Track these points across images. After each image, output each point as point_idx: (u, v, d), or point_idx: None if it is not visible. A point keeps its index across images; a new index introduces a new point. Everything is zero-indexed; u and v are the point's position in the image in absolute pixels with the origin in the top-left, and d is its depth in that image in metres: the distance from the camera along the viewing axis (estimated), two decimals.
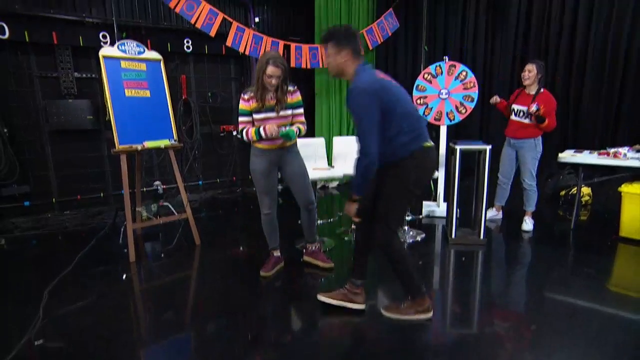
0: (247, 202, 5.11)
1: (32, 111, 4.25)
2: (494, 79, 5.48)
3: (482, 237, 3.31)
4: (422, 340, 2.12)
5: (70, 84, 4.34)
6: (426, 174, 2.15)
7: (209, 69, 5.39)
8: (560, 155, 3.66)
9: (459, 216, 3.42)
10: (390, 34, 5.52)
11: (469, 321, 2.31)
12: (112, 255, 3.29)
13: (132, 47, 3.31)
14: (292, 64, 4.98)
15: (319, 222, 3.91)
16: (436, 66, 3.88)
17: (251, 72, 5.35)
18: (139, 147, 3.20)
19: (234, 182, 5.74)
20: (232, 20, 4.47)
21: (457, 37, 5.72)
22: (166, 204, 4.06)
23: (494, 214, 3.96)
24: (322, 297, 2.39)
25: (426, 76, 3.94)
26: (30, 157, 4.29)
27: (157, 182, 4.57)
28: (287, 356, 1.97)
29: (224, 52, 5.20)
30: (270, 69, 2.42)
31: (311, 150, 3.77)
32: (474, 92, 3.80)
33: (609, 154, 3.44)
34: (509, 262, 3.18)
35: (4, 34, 3.91)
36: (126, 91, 3.25)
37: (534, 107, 3.36)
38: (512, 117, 3.62)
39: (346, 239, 3.57)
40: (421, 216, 4.16)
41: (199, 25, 4.20)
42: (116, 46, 3.25)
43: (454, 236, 3.38)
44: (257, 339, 2.12)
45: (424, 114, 3.95)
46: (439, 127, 4.05)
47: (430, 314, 2.20)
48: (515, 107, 3.58)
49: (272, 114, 2.57)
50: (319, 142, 3.95)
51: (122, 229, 3.51)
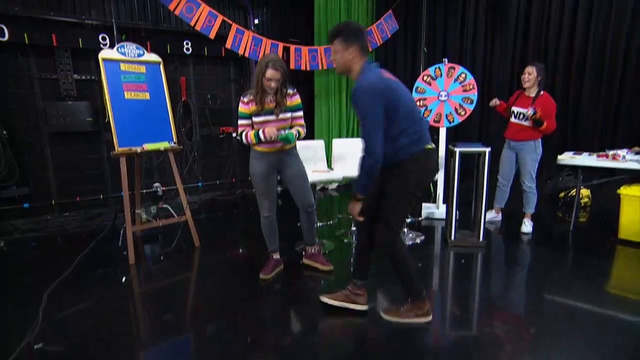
0: (247, 203, 5.11)
1: (32, 113, 4.26)
2: (494, 79, 5.49)
3: (481, 239, 3.32)
4: (422, 342, 2.12)
5: (69, 85, 4.35)
6: (427, 176, 2.15)
7: (209, 70, 5.40)
8: (559, 157, 3.67)
9: (458, 218, 3.43)
10: (389, 36, 5.53)
11: (469, 323, 2.31)
12: (112, 257, 3.29)
13: (131, 49, 3.31)
14: (292, 66, 4.99)
15: (319, 224, 3.91)
16: (435, 68, 3.89)
17: (250, 74, 5.35)
18: (139, 149, 3.20)
19: (233, 183, 5.75)
20: (231, 22, 4.47)
21: (457, 39, 5.73)
22: (165, 206, 4.06)
23: (493, 215, 3.97)
24: (325, 299, 2.39)
25: (425, 78, 3.95)
26: (29, 159, 4.29)
27: (157, 184, 4.58)
28: (286, 358, 1.97)
29: (224, 54, 5.20)
30: (269, 72, 2.43)
31: (311, 152, 3.77)
32: (473, 94, 3.81)
33: (607, 156, 3.45)
34: (508, 264, 3.19)
35: (3, 36, 3.92)
36: (126, 94, 3.25)
37: (530, 111, 3.37)
38: (512, 120, 3.63)
39: (346, 241, 3.57)
40: (420, 218, 4.16)
41: (198, 27, 4.21)
42: (116, 49, 3.26)
43: (453, 238, 3.39)
44: (257, 341, 2.12)
45: (423, 115, 3.95)
46: (439, 129, 4.06)
47: (429, 318, 2.20)
48: (515, 109, 3.59)
49: (271, 117, 2.57)
50: (319, 144, 3.95)
51: (122, 231, 3.51)
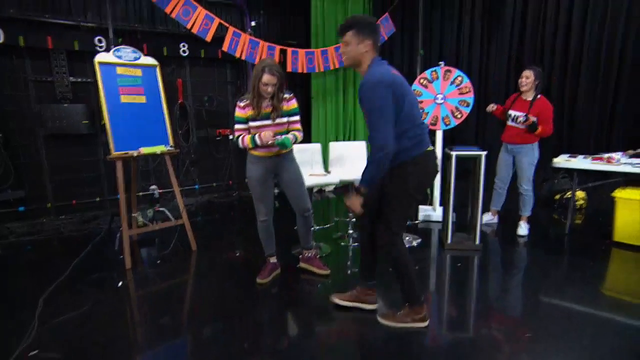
0: (244, 206, 5.11)
1: (27, 115, 4.23)
2: (490, 80, 5.51)
3: (477, 242, 3.33)
4: (419, 345, 2.12)
5: (65, 88, 4.33)
6: (427, 178, 2.15)
7: (205, 72, 5.39)
8: (554, 160, 3.68)
9: (454, 220, 3.44)
10: (386, 38, 5.53)
11: (465, 326, 2.32)
12: (108, 261, 3.28)
13: (127, 52, 3.30)
14: (289, 69, 4.98)
15: (315, 227, 3.91)
16: (432, 71, 3.91)
17: (247, 77, 5.35)
18: (135, 153, 3.19)
19: (230, 186, 5.74)
20: (228, 25, 4.47)
21: (453, 40, 5.75)
22: (162, 209, 4.04)
23: (489, 218, 3.98)
24: (335, 299, 2.41)
25: (422, 81, 3.96)
26: (25, 161, 4.27)
27: (153, 187, 4.56)
28: None
29: (220, 56, 5.20)
30: (266, 77, 2.43)
31: (307, 155, 3.77)
32: (470, 97, 3.82)
33: (602, 159, 3.47)
34: (504, 267, 3.20)
35: None
36: (122, 97, 3.24)
37: (521, 118, 3.40)
38: (509, 123, 3.65)
39: (342, 244, 3.57)
40: (417, 221, 4.18)
41: (195, 30, 4.19)
42: (112, 52, 3.25)
43: (449, 241, 3.40)
44: (254, 345, 2.11)
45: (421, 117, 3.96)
46: (435, 132, 4.08)
47: (426, 323, 2.21)
48: (512, 112, 3.61)
49: (268, 122, 2.57)
50: (316, 147, 3.95)
51: (118, 235, 3.49)
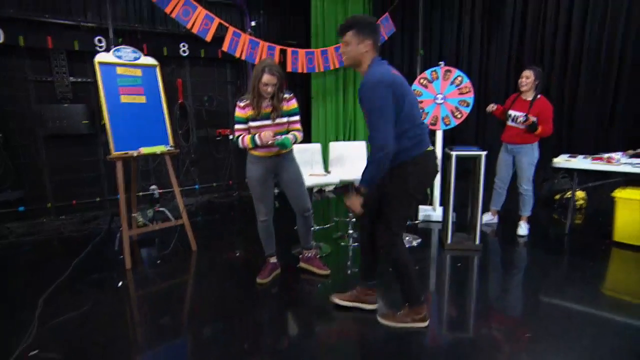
0: (244, 205, 5.11)
1: (27, 115, 4.23)
2: (490, 80, 5.51)
3: (477, 242, 3.33)
4: (419, 345, 2.12)
5: (65, 88, 4.33)
6: (427, 178, 2.15)
7: (205, 72, 5.39)
8: (554, 160, 3.68)
9: (454, 220, 3.44)
10: (386, 38, 5.53)
11: (465, 326, 2.32)
12: (108, 261, 3.27)
13: (127, 52, 3.30)
14: (289, 69, 4.98)
15: (315, 227, 3.91)
16: (432, 71, 3.90)
17: (247, 76, 5.35)
18: (135, 153, 3.19)
19: (230, 185, 5.74)
20: (228, 25, 4.46)
21: (453, 40, 5.75)
22: (162, 209, 4.04)
23: (489, 218, 3.98)
24: (335, 299, 2.41)
25: (422, 81, 3.96)
26: (25, 161, 4.27)
27: (153, 187, 4.56)
28: None
29: (220, 56, 5.20)
30: (266, 77, 2.43)
31: (307, 155, 3.77)
32: (470, 97, 3.82)
33: (602, 159, 3.47)
34: (504, 267, 3.20)
35: None
36: (122, 97, 3.24)
37: (521, 118, 3.40)
38: (509, 123, 3.65)
39: (342, 244, 3.57)
40: (417, 221, 4.18)
41: (194, 30, 4.19)
42: (111, 52, 3.24)
43: (449, 241, 3.40)
44: (254, 345, 2.11)
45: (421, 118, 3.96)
46: (435, 132, 4.07)
47: (426, 323, 2.21)
48: (511, 112, 3.61)
49: (268, 122, 2.57)
50: (316, 147, 3.95)
51: (118, 235, 3.49)
